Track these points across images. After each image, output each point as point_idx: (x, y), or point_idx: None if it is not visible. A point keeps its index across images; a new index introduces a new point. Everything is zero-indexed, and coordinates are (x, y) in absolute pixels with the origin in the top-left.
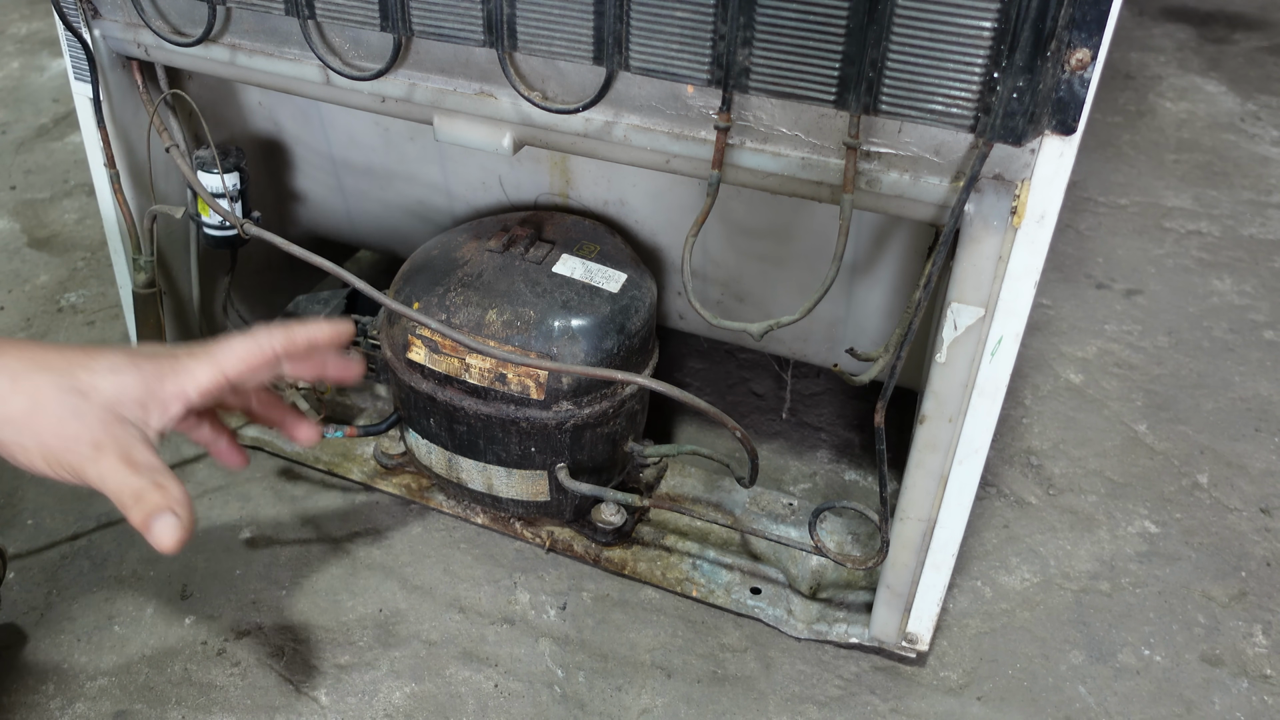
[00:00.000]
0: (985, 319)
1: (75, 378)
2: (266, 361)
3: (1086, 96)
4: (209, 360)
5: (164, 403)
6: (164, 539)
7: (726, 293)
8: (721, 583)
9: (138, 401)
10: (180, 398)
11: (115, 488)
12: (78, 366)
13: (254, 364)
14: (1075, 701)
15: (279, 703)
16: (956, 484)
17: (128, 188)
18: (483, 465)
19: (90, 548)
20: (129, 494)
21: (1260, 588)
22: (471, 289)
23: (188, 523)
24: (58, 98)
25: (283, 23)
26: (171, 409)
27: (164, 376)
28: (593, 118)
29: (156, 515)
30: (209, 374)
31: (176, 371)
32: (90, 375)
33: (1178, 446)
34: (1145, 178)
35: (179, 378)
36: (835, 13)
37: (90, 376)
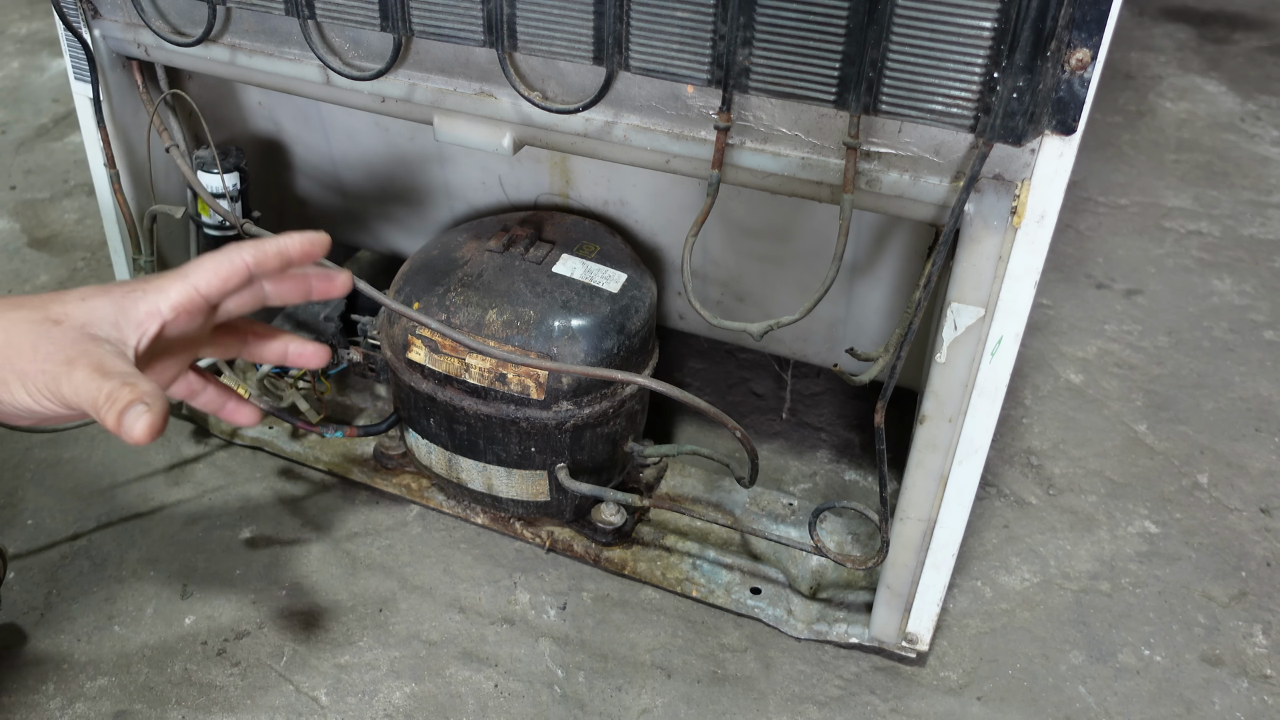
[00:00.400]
0: (985, 319)
1: (48, 310)
2: (240, 274)
3: (1086, 96)
4: (180, 277)
5: (138, 321)
6: (135, 429)
7: (726, 293)
8: (721, 583)
9: (111, 323)
10: (154, 315)
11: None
12: (50, 301)
13: (226, 277)
14: (1075, 701)
15: (279, 703)
16: (956, 484)
17: (128, 188)
18: (483, 465)
19: (90, 548)
20: (103, 397)
21: (1260, 588)
22: (471, 289)
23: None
24: (58, 98)
25: (283, 23)
26: (147, 326)
27: (135, 297)
28: (593, 118)
29: (127, 409)
30: (181, 289)
31: (148, 291)
32: (62, 305)
33: (1178, 446)
34: (1145, 178)
35: (150, 296)
36: (835, 13)
37: (62, 306)
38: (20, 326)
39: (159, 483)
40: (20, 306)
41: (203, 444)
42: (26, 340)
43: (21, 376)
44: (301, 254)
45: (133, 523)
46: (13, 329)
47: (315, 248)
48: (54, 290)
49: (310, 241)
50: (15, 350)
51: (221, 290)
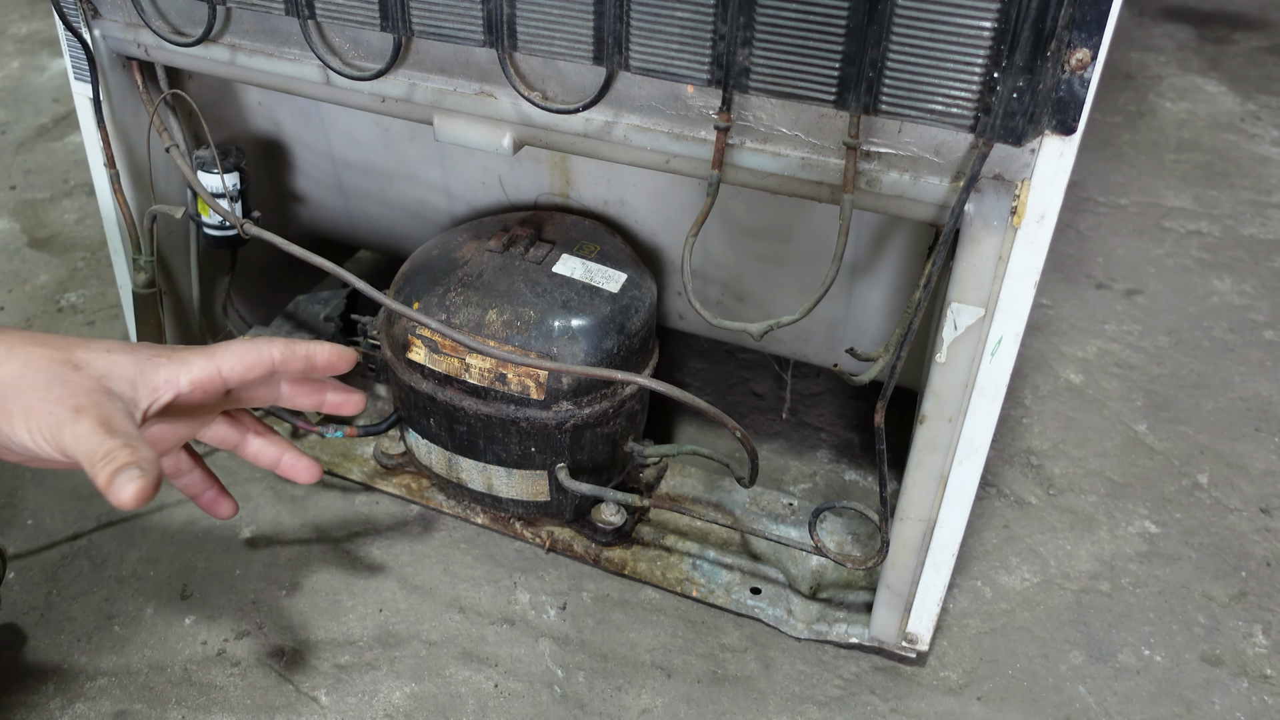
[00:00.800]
0: (985, 319)
1: (71, 353)
2: (263, 367)
3: (1086, 96)
4: (206, 355)
5: (154, 387)
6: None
7: (726, 293)
8: (721, 583)
9: (128, 380)
10: (171, 384)
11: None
12: (75, 345)
13: (250, 366)
14: (1075, 701)
15: (279, 703)
16: (956, 484)
17: (128, 188)
18: (483, 465)
19: (90, 548)
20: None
21: (1260, 588)
22: (471, 289)
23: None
24: (58, 98)
25: (283, 23)
26: (161, 394)
27: (159, 362)
28: (593, 118)
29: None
30: (203, 367)
31: (171, 360)
32: (86, 352)
33: (1178, 446)
34: (1145, 178)
35: (173, 365)
36: (835, 13)
37: (85, 353)
38: (39, 364)
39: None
40: (44, 344)
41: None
42: (41, 378)
43: (26, 413)
44: (327, 365)
45: (133, 523)
46: (31, 364)
47: (342, 361)
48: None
49: (339, 355)
50: (28, 384)
51: (242, 378)
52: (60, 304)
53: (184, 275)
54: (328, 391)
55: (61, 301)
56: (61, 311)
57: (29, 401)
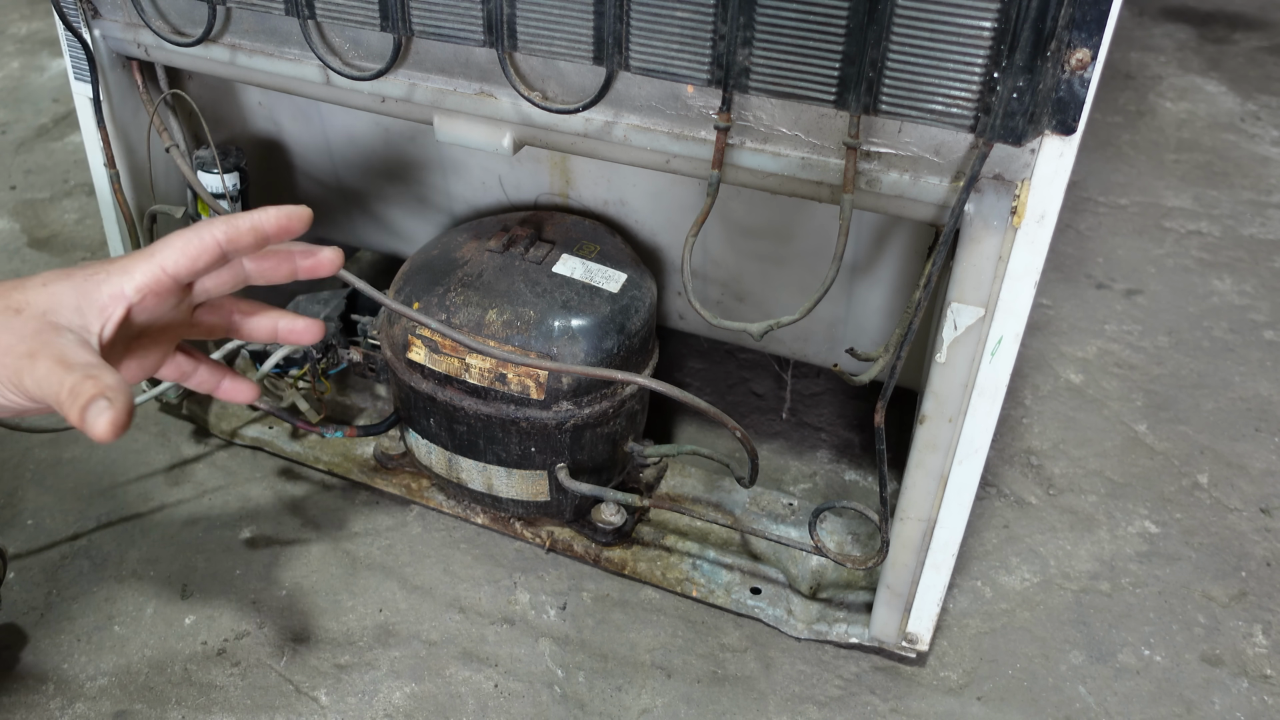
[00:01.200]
0: (985, 319)
1: (8, 298)
2: (211, 253)
3: (1086, 96)
4: (146, 257)
5: (101, 306)
6: (97, 426)
7: (726, 293)
8: (721, 583)
9: (73, 309)
10: (119, 298)
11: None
12: (12, 289)
13: (195, 256)
14: (1075, 701)
15: (279, 703)
16: (956, 484)
17: (128, 188)
18: (483, 465)
19: (90, 548)
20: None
21: (1260, 588)
22: (471, 289)
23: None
24: (58, 98)
25: (283, 23)
26: (111, 310)
27: (98, 280)
28: (593, 118)
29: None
30: (146, 269)
31: (111, 273)
32: (23, 293)
33: (1178, 446)
34: (1145, 178)
35: (114, 278)
36: (835, 13)
37: (23, 294)
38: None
39: (159, 483)
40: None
41: (203, 444)
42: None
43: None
44: (278, 229)
45: (133, 523)
46: None
47: (293, 222)
48: None
49: (288, 215)
50: None
51: (191, 269)
52: None
53: None
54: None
55: None
56: None
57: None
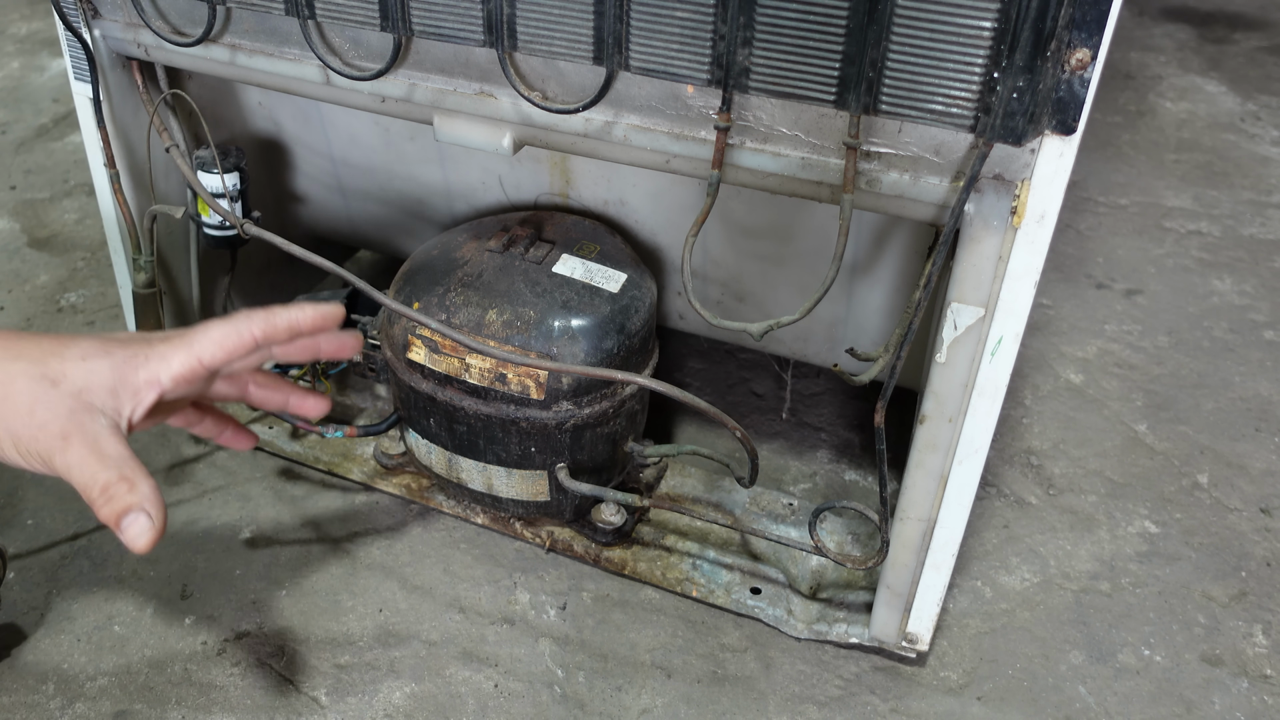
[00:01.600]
0: (985, 319)
1: (46, 365)
2: (246, 347)
3: (1086, 96)
4: (184, 346)
5: (135, 390)
6: (136, 540)
7: (726, 293)
8: (721, 583)
9: (108, 389)
10: (153, 385)
11: (82, 480)
12: (49, 354)
13: (232, 350)
14: (1075, 701)
15: (279, 703)
16: (956, 484)
17: (128, 188)
18: (483, 465)
19: (90, 548)
20: (96, 488)
21: (1260, 588)
22: (471, 289)
23: (159, 522)
24: (58, 98)
25: (283, 23)
26: (144, 396)
27: (137, 364)
28: (593, 118)
29: (126, 514)
30: (183, 360)
31: (149, 358)
32: (61, 362)
33: (1178, 446)
34: (1145, 178)
35: (152, 364)
36: (835, 13)
37: (61, 364)
38: (18, 382)
39: (159, 483)
40: (19, 356)
41: (203, 444)
42: (23, 399)
43: (14, 437)
44: (313, 327)
45: None
46: (10, 385)
47: (327, 321)
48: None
49: (323, 316)
50: (11, 408)
51: (225, 361)
52: (60, 304)
53: (184, 275)
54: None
55: (61, 301)
56: (61, 311)
57: (14, 426)
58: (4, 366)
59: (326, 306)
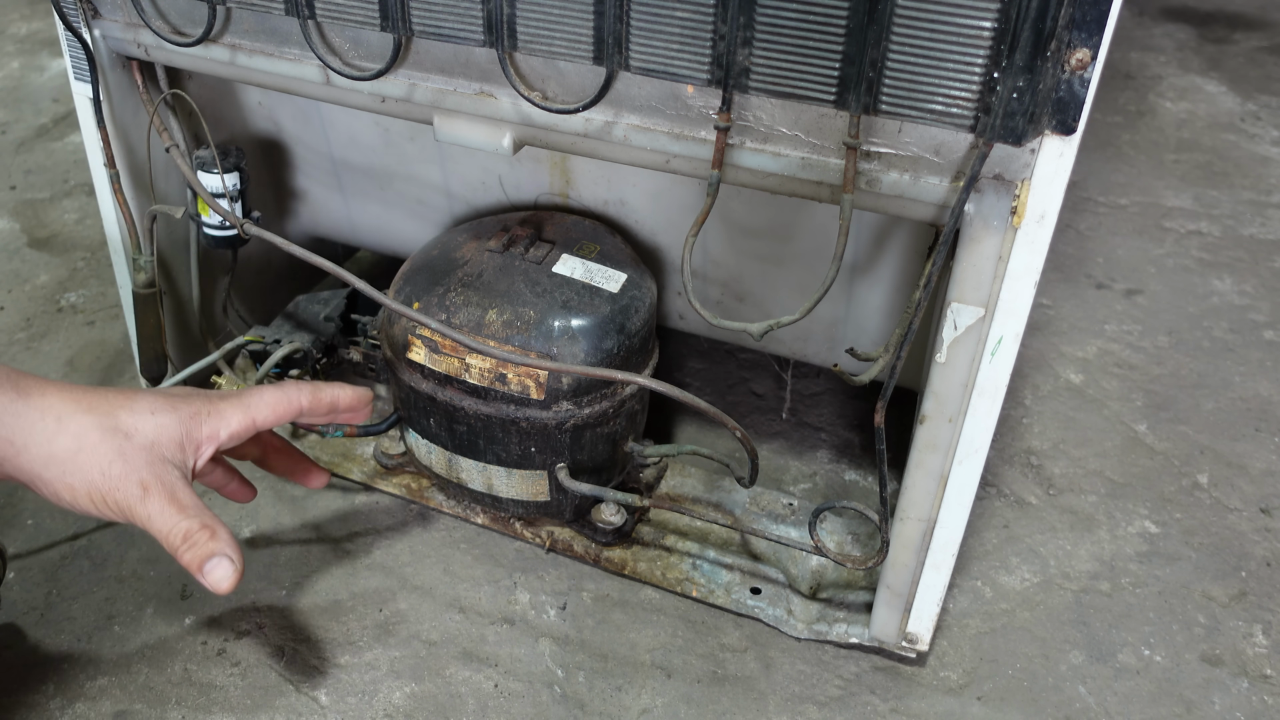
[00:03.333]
0: (985, 319)
1: (118, 418)
2: (291, 414)
3: (1086, 96)
4: (241, 407)
5: (198, 444)
6: (220, 583)
7: (726, 293)
8: (721, 583)
9: (176, 443)
10: (213, 440)
11: (164, 529)
12: (119, 408)
13: (282, 415)
14: (1075, 701)
15: (279, 703)
16: (956, 484)
17: (128, 188)
18: (483, 465)
19: (90, 548)
20: (179, 536)
21: (1260, 588)
22: (471, 289)
23: (240, 565)
24: (58, 98)
25: (283, 23)
26: (204, 451)
27: (199, 419)
28: (593, 118)
29: (210, 559)
30: (240, 420)
31: (211, 415)
32: (132, 416)
33: (1178, 446)
34: (1145, 178)
35: (213, 421)
36: (835, 13)
37: (132, 418)
38: (91, 436)
39: None
40: (90, 410)
41: None
42: (100, 454)
43: (90, 488)
44: (348, 409)
45: None
46: (84, 437)
47: (362, 404)
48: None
49: (359, 399)
50: (87, 461)
51: (275, 424)
52: (60, 304)
53: (184, 275)
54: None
55: (61, 301)
56: (61, 311)
57: (91, 478)
58: (76, 419)
59: (364, 392)
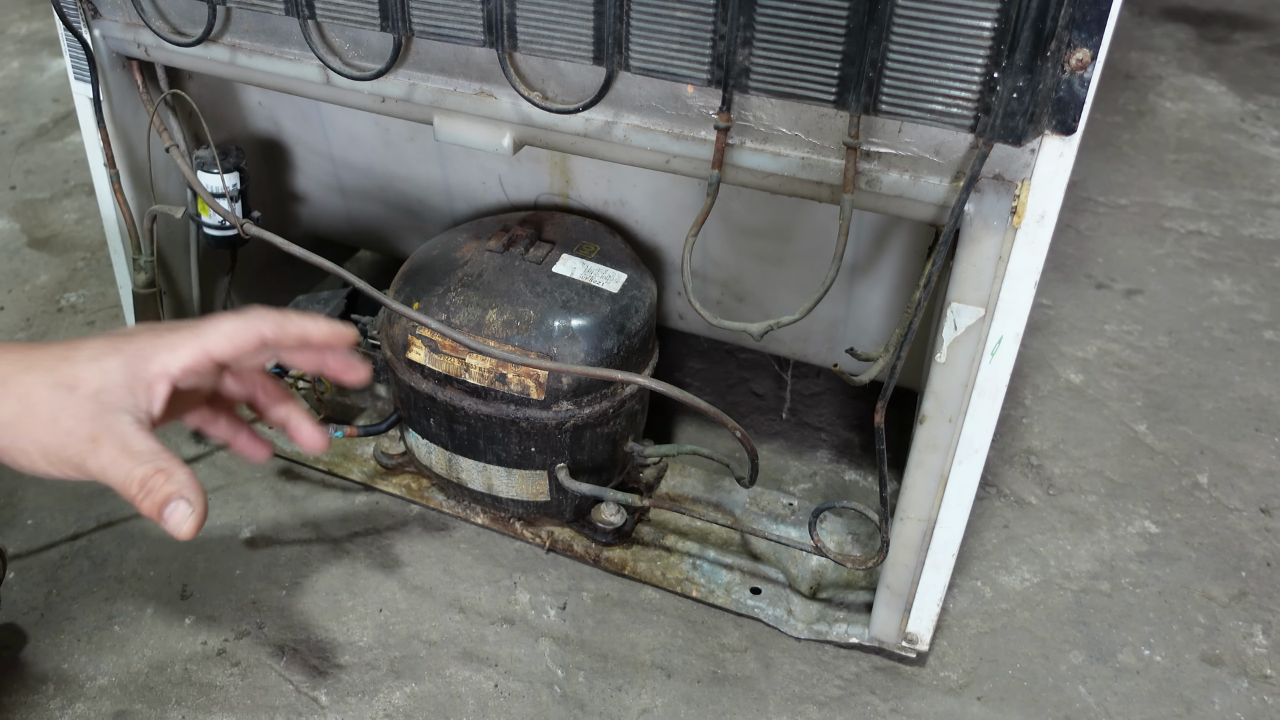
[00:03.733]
0: (985, 319)
1: (59, 373)
2: (254, 344)
3: (1086, 96)
4: (193, 337)
5: (149, 384)
6: (181, 527)
7: (726, 293)
8: (721, 583)
9: (124, 387)
10: (163, 376)
11: (119, 478)
12: (60, 360)
13: (241, 345)
14: (1075, 701)
15: (279, 703)
16: (956, 484)
17: (128, 188)
18: (483, 465)
19: (90, 548)
20: (135, 483)
21: (1260, 588)
22: (471, 289)
23: (201, 508)
24: (58, 98)
25: (283, 23)
26: (157, 389)
27: (145, 357)
28: (593, 118)
29: (168, 503)
30: (191, 351)
31: (158, 349)
32: (72, 367)
33: (1178, 446)
34: (1145, 178)
35: (161, 356)
36: (835, 13)
37: (73, 368)
38: (35, 394)
39: None
40: (31, 367)
41: (203, 444)
42: (44, 410)
43: (43, 449)
44: (323, 342)
45: (133, 523)
46: (28, 396)
47: (338, 340)
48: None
49: (334, 333)
50: (34, 420)
51: (233, 355)
52: (60, 304)
53: (184, 275)
54: (328, 359)
55: (61, 301)
56: (61, 311)
57: (40, 438)
58: (18, 379)
59: (340, 326)
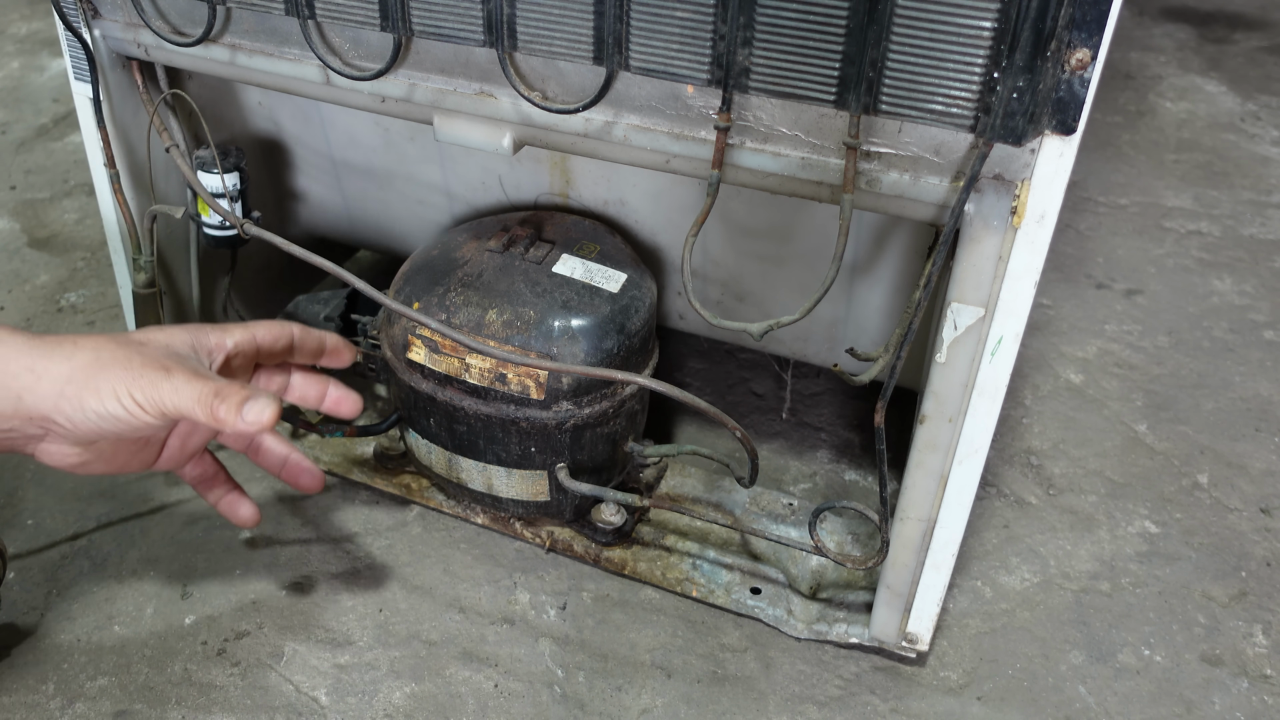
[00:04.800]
0: (985, 319)
1: (128, 337)
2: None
3: (1086, 96)
4: (242, 326)
5: (209, 349)
6: (263, 414)
7: (726, 293)
8: (721, 583)
9: (189, 345)
10: (221, 347)
11: (191, 394)
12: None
13: (277, 336)
14: (1075, 701)
15: (279, 703)
16: (956, 484)
17: (128, 188)
18: (483, 465)
19: (90, 548)
20: (210, 393)
21: (1260, 588)
22: (471, 289)
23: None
24: (58, 98)
25: (283, 23)
26: (216, 355)
27: (205, 330)
28: (593, 118)
29: (245, 402)
30: (242, 333)
31: (212, 331)
32: (141, 333)
33: (1178, 446)
34: (1145, 178)
35: (218, 333)
36: (835, 13)
37: (142, 334)
38: (108, 347)
39: (159, 483)
40: (98, 336)
41: None
42: (119, 355)
43: (115, 384)
44: (334, 350)
45: (133, 523)
46: (101, 349)
47: (346, 351)
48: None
49: (345, 345)
50: (107, 362)
51: (271, 344)
52: (60, 304)
53: (184, 275)
54: (330, 387)
55: (61, 301)
56: (61, 311)
57: (114, 375)
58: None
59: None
